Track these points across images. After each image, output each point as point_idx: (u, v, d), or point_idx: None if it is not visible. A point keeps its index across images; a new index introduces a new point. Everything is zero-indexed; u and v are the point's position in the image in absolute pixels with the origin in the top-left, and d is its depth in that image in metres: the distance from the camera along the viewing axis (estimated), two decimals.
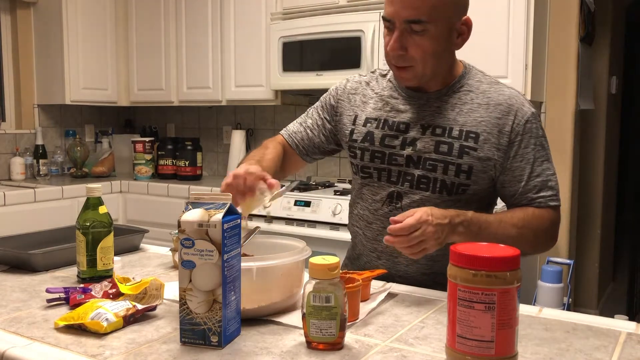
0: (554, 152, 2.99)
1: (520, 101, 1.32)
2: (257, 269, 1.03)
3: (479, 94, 1.32)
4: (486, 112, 1.29)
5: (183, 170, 3.61)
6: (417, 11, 1.21)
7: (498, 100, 1.31)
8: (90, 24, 3.72)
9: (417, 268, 1.34)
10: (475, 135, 1.28)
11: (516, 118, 1.29)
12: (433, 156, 1.29)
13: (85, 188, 1.31)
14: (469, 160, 1.27)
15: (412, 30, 1.23)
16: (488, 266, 0.78)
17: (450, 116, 1.31)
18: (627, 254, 4.38)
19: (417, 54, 1.25)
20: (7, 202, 2.98)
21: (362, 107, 1.41)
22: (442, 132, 1.30)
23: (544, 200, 1.30)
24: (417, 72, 1.28)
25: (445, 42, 1.27)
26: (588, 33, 3.00)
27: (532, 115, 1.31)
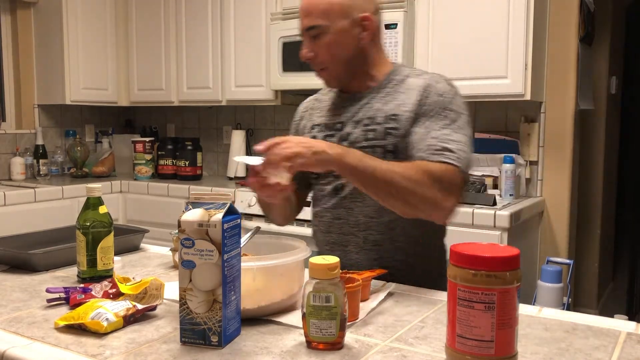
0: (554, 151, 3.00)
1: (436, 79, 1.37)
2: (257, 269, 1.03)
3: (402, 85, 1.40)
4: (406, 96, 1.37)
5: (183, 170, 3.61)
6: (310, 18, 1.35)
7: (416, 84, 1.38)
8: (90, 24, 3.72)
9: (365, 254, 1.39)
10: (396, 116, 1.35)
11: (429, 92, 1.35)
12: (363, 144, 1.36)
13: (85, 188, 1.31)
14: (393, 140, 1.34)
15: (312, 36, 1.36)
16: (488, 266, 0.78)
17: (376, 107, 1.39)
18: (627, 254, 4.38)
19: (323, 55, 1.37)
20: (7, 202, 2.98)
21: (310, 119, 1.53)
22: (370, 122, 1.38)
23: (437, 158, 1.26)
24: (332, 72, 1.39)
25: (345, 39, 1.36)
26: (588, 33, 3.00)
27: (446, 90, 1.35)
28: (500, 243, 2.35)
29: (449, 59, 2.73)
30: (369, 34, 1.38)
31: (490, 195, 2.59)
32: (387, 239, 1.37)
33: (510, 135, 2.91)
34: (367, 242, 1.38)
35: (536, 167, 2.91)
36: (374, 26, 1.39)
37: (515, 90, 2.59)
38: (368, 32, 1.38)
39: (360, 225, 1.38)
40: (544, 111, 2.89)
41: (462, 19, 2.68)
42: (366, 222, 1.37)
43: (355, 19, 1.36)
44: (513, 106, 2.92)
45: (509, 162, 2.72)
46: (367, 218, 1.37)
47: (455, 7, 2.70)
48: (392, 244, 1.38)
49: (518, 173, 2.78)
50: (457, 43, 2.69)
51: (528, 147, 2.90)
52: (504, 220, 2.37)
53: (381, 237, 1.37)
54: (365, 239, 1.38)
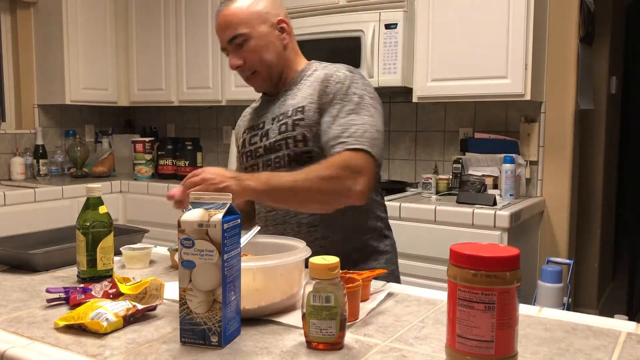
0: (554, 151, 3.00)
1: (337, 68, 1.47)
2: (257, 269, 1.03)
3: (309, 78, 1.50)
4: (310, 88, 1.47)
5: (183, 170, 3.61)
6: (231, 29, 1.45)
7: (318, 75, 1.48)
8: (90, 24, 3.72)
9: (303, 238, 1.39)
10: (302, 107, 1.45)
11: (329, 81, 1.43)
12: (277, 137, 1.47)
13: (85, 188, 1.31)
14: (301, 130, 1.43)
15: (237, 44, 1.46)
16: (488, 266, 0.78)
17: (288, 102, 1.50)
18: (627, 254, 4.38)
19: (252, 59, 1.47)
20: (7, 202, 2.98)
21: (244, 124, 1.64)
22: (282, 117, 1.48)
23: (341, 147, 1.34)
24: (263, 75, 1.50)
25: (268, 41, 1.48)
26: (588, 33, 3.00)
27: (345, 77, 1.43)
28: (501, 243, 2.35)
29: (449, 59, 2.73)
30: (288, 35, 1.52)
31: (490, 195, 2.59)
32: (320, 220, 1.44)
33: (510, 135, 2.91)
34: (300, 226, 1.45)
35: (536, 167, 2.91)
36: (290, 28, 1.53)
37: (515, 90, 2.59)
38: (287, 34, 1.51)
39: (290, 212, 1.45)
40: (544, 111, 2.89)
41: (462, 19, 2.68)
42: None
43: (273, 23, 1.49)
44: (513, 106, 2.92)
45: (509, 162, 2.72)
46: None
47: (455, 7, 2.70)
48: (325, 223, 1.44)
49: (518, 173, 2.78)
50: (457, 43, 2.69)
51: (528, 147, 2.90)
52: (504, 220, 2.37)
53: (313, 219, 1.44)
54: (298, 224, 1.45)
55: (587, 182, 3.56)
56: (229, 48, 1.48)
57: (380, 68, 2.80)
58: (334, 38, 2.90)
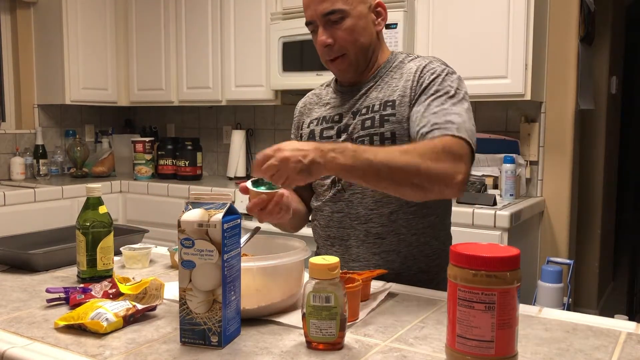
0: (554, 151, 2.99)
1: (429, 60, 1.36)
2: (257, 269, 1.03)
3: (397, 71, 1.39)
4: (400, 81, 1.36)
5: (183, 170, 3.61)
6: (330, 3, 1.31)
7: (410, 67, 1.37)
8: (90, 24, 3.72)
9: (366, 249, 1.36)
10: (392, 102, 1.33)
11: (422, 72, 1.33)
12: (361, 133, 1.34)
13: (85, 188, 1.31)
14: (390, 127, 1.32)
15: (332, 21, 1.32)
16: (488, 266, 0.78)
17: (372, 96, 1.38)
18: (627, 254, 4.38)
19: (344, 40, 1.33)
20: (7, 202, 2.98)
21: (309, 114, 1.52)
22: (366, 111, 1.36)
23: (439, 132, 1.21)
24: (350, 58, 1.35)
25: (365, 24, 1.35)
26: (588, 33, 3.00)
27: (441, 69, 1.33)
28: (501, 243, 2.35)
29: (449, 59, 2.71)
30: (382, 20, 1.39)
31: (490, 195, 2.59)
32: (390, 231, 1.33)
33: (510, 135, 2.91)
34: (368, 235, 1.35)
35: (536, 167, 2.91)
36: (386, 14, 1.39)
37: (515, 90, 2.59)
38: (381, 19, 1.38)
39: (360, 218, 1.35)
40: (544, 111, 2.88)
41: (462, 18, 2.68)
42: (366, 215, 1.34)
43: (371, 5, 1.36)
44: (513, 106, 2.92)
45: (509, 162, 2.71)
46: (367, 210, 1.34)
47: (455, 7, 2.70)
48: (396, 236, 1.34)
49: (518, 173, 2.77)
50: (457, 43, 2.69)
51: (528, 147, 2.90)
52: (504, 220, 2.37)
53: (383, 230, 1.34)
54: (366, 232, 1.35)
55: (587, 182, 3.56)
56: (320, 23, 1.33)
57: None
58: None
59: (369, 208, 1.34)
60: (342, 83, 1.45)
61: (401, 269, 1.34)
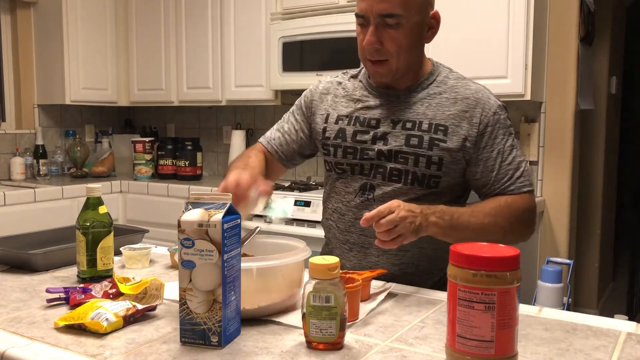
0: (554, 151, 2.99)
1: (487, 95, 1.36)
2: (257, 269, 1.03)
3: (446, 89, 1.36)
4: (454, 106, 1.33)
5: (183, 170, 3.61)
6: (390, 4, 1.25)
7: (465, 94, 1.34)
8: (90, 24, 3.72)
9: (387, 259, 1.35)
10: (444, 128, 1.31)
11: (484, 110, 1.32)
12: (404, 149, 1.32)
13: (85, 188, 1.31)
14: (439, 152, 1.30)
15: (386, 24, 1.27)
16: (488, 266, 0.78)
17: (419, 110, 1.34)
18: (627, 254, 4.38)
19: (392, 47, 1.29)
20: (7, 202, 2.98)
21: (334, 106, 1.44)
22: (412, 126, 1.33)
23: (516, 188, 1.32)
24: (391, 66, 1.31)
25: (417, 35, 1.32)
26: (588, 33, 3.00)
27: (499, 107, 1.35)
28: None
29: (449, 59, 2.71)
30: (432, 34, 1.36)
31: None
32: (414, 244, 1.28)
33: None
34: None
35: (536, 167, 2.91)
36: (438, 27, 1.37)
37: (515, 90, 2.59)
38: (432, 32, 1.35)
39: None
40: (544, 111, 2.88)
41: (462, 19, 2.68)
42: None
43: (426, 16, 1.32)
44: (513, 106, 2.92)
45: None
46: None
47: (455, 7, 2.69)
48: (418, 250, 1.34)
49: None
50: (457, 43, 2.69)
51: (528, 147, 2.90)
52: None
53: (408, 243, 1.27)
54: None
55: (587, 182, 3.56)
56: (373, 21, 1.27)
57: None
58: (334, 38, 2.90)
59: None
60: (377, 83, 1.40)
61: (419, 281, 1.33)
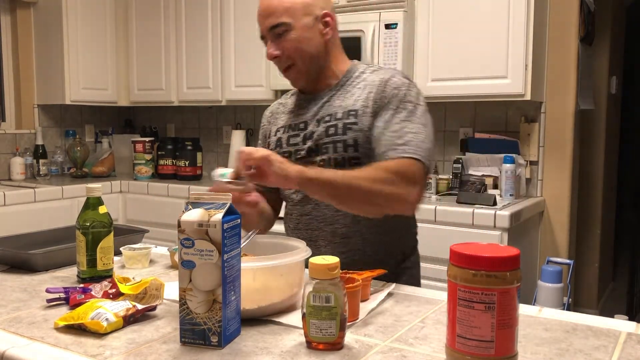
0: (554, 151, 2.99)
1: (391, 73, 1.41)
2: (257, 269, 1.03)
3: (360, 82, 1.44)
4: (363, 92, 1.41)
5: (183, 170, 3.61)
6: (274, 17, 1.38)
7: (373, 80, 1.41)
8: (90, 24, 3.72)
9: (333, 248, 1.41)
10: (355, 111, 1.39)
11: (386, 87, 1.38)
12: (325, 140, 1.40)
13: (85, 188, 1.31)
14: (353, 135, 1.37)
15: (278, 34, 1.39)
16: (488, 266, 0.78)
17: (336, 104, 1.43)
18: (627, 254, 4.38)
19: (290, 50, 1.40)
20: (7, 202, 2.98)
21: (275, 122, 1.58)
22: (330, 118, 1.42)
23: (395, 154, 1.30)
24: (300, 67, 1.42)
25: (311, 34, 1.41)
26: (588, 33, 3.00)
27: (403, 84, 1.38)
28: (501, 243, 2.35)
29: (449, 59, 2.73)
30: (331, 30, 1.44)
31: (490, 195, 2.59)
32: (355, 231, 1.40)
33: (510, 135, 2.91)
34: (335, 236, 1.41)
35: (536, 167, 2.91)
36: (335, 23, 1.45)
37: (515, 90, 2.59)
38: (330, 28, 1.43)
39: (327, 220, 1.41)
40: (544, 111, 2.88)
41: (462, 19, 2.68)
42: (333, 216, 1.40)
43: (317, 16, 1.41)
44: (513, 106, 2.92)
45: (509, 162, 2.71)
46: (333, 212, 1.39)
47: (455, 7, 2.70)
48: (361, 236, 1.41)
49: (518, 173, 2.78)
50: (457, 43, 2.69)
51: (528, 147, 2.90)
52: (504, 220, 2.37)
53: (348, 230, 1.40)
54: (333, 233, 1.41)
55: (587, 182, 3.56)
56: (268, 36, 1.41)
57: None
58: None
59: (334, 210, 1.39)
60: (305, 91, 1.51)
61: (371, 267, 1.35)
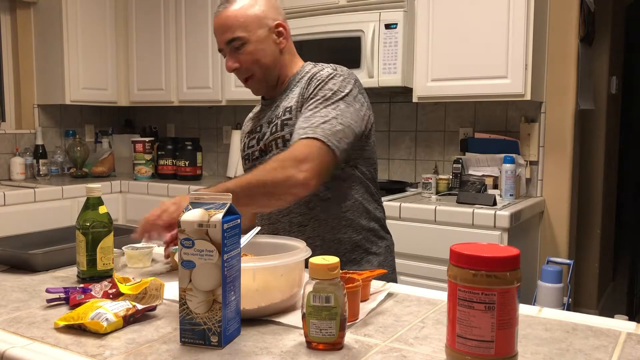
0: (554, 151, 2.99)
1: (323, 67, 1.48)
2: (257, 269, 1.03)
3: (300, 80, 1.50)
4: (298, 88, 1.49)
5: (183, 170, 3.61)
6: (230, 32, 1.46)
7: (306, 75, 1.48)
8: (90, 24, 3.72)
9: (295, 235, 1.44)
10: (290, 108, 1.47)
11: (312, 80, 1.45)
12: (269, 138, 1.50)
13: (85, 188, 1.31)
14: (289, 130, 1.44)
15: (235, 47, 1.47)
16: (488, 266, 0.78)
17: (281, 105, 1.51)
18: (627, 254, 4.38)
19: (248, 62, 1.48)
20: (7, 202, 2.98)
21: (245, 129, 1.67)
22: (274, 118, 1.51)
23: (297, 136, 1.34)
24: (259, 77, 1.51)
25: (266, 45, 1.48)
26: (588, 33, 3.00)
27: (327, 75, 1.43)
28: (501, 243, 2.35)
29: (449, 59, 2.73)
30: (285, 39, 1.52)
31: (490, 195, 2.59)
32: (310, 218, 1.46)
33: (510, 135, 2.91)
34: (292, 225, 1.47)
35: (536, 167, 2.91)
36: (288, 32, 1.53)
37: (515, 90, 2.59)
38: (284, 38, 1.51)
39: (282, 211, 1.47)
40: (544, 111, 2.89)
41: (462, 19, 2.68)
42: (288, 207, 1.45)
43: (270, 27, 1.49)
44: (513, 106, 2.92)
45: (509, 162, 2.72)
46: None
47: (455, 7, 2.70)
48: (316, 222, 1.46)
49: (518, 173, 2.78)
50: (457, 43, 2.69)
51: (528, 147, 2.90)
52: (504, 220, 2.37)
53: (303, 218, 1.46)
54: (290, 222, 1.47)
55: (587, 182, 3.56)
56: (226, 50, 1.50)
57: (380, 68, 2.80)
58: (334, 38, 2.90)
59: None
60: (265, 97, 1.61)
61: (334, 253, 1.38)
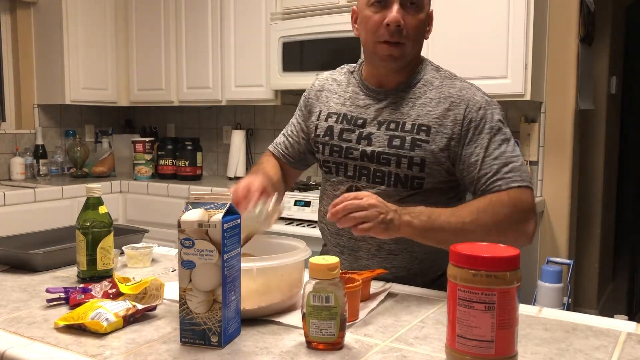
0: (554, 151, 2.99)
1: (473, 91, 1.32)
2: (257, 269, 1.03)
3: (432, 89, 1.34)
4: (438, 106, 1.31)
5: (183, 170, 3.61)
6: None
7: (449, 93, 1.31)
8: (90, 24, 3.72)
9: (377, 262, 1.34)
10: (427, 128, 1.29)
11: (468, 107, 1.29)
12: (387, 150, 1.31)
13: (85, 188, 1.31)
14: (421, 153, 1.28)
15: (409, 6, 1.28)
16: (488, 266, 0.78)
17: (404, 111, 1.33)
18: (627, 254, 4.38)
19: (411, 30, 1.29)
20: (7, 202, 2.98)
21: (326, 102, 1.45)
22: (395, 126, 1.32)
23: (504, 183, 1.23)
24: (406, 50, 1.30)
25: (425, 26, 1.34)
26: (588, 33, 3.00)
27: (486, 103, 1.31)
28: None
29: (449, 59, 2.72)
30: (430, 29, 1.37)
31: None
32: (403, 249, 1.32)
33: None
34: (381, 251, 1.34)
35: (536, 167, 2.91)
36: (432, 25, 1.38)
37: (515, 90, 2.59)
38: (430, 27, 1.37)
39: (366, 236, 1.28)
40: (544, 111, 2.88)
41: (462, 18, 2.68)
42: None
43: (430, 11, 1.35)
44: (513, 106, 2.92)
45: None
46: None
47: (455, 7, 2.69)
48: (409, 254, 1.34)
49: None
50: (457, 43, 2.69)
51: (528, 147, 2.90)
52: None
53: (396, 247, 1.32)
54: (379, 247, 1.33)
55: (587, 182, 3.56)
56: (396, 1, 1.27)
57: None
58: (334, 38, 2.90)
59: None
60: (369, 82, 1.39)
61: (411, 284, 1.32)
